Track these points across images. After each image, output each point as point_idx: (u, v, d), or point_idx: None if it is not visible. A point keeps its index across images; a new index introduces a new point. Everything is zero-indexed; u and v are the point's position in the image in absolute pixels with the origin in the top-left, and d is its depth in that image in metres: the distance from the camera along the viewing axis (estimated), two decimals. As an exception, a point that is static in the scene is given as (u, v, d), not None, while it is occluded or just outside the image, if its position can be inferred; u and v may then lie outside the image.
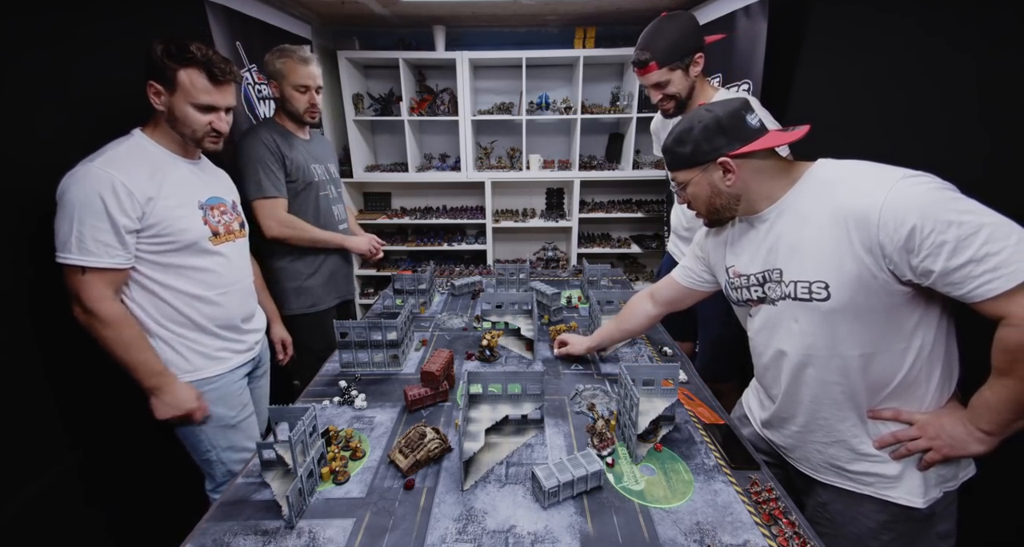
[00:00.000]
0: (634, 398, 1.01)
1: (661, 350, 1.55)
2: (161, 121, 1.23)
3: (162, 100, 1.19)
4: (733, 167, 0.97)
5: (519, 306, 1.70)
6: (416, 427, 1.07)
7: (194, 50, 1.17)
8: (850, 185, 0.88)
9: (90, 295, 1.11)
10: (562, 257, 3.59)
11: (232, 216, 1.38)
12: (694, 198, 1.07)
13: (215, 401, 1.33)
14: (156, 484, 1.62)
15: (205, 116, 1.23)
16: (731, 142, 0.96)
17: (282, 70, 1.71)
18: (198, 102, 1.21)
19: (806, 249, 0.94)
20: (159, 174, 1.19)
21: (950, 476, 0.95)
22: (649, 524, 0.88)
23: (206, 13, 1.89)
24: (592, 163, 3.45)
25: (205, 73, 1.20)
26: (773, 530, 0.87)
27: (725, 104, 0.99)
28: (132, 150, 1.19)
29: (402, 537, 0.86)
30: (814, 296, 0.93)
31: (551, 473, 0.93)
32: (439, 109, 3.29)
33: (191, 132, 1.24)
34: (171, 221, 1.19)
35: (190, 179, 1.28)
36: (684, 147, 1.01)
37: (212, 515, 0.91)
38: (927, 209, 0.79)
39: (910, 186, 0.82)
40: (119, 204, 1.10)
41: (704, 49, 1.55)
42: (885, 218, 0.82)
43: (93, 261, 1.10)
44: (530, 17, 3.05)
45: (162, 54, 1.15)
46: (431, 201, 3.68)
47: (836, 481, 1.03)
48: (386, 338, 1.41)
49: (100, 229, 1.09)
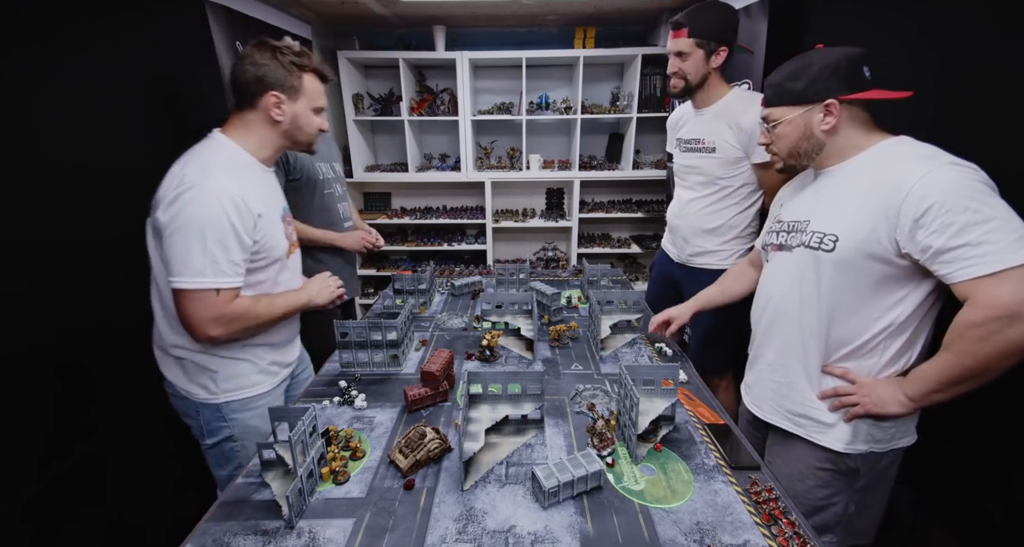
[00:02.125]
0: (634, 398, 1.01)
1: (661, 350, 1.55)
2: (252, 127, 1.18)
3: (284, 110, 1.17)
4: (837, 110, 1.00)
5: (519, 306, 1.70)
6: (416, 427, 1.07)
7: (308, 53, 1.20)
8: (904, 161, 0.94)
9: (226, 310, 1.09)
10: (562, 257, 3.59)
11: (292, 227, 1.36)
12: (781, 138, 1.09)
13: (263, 416, 1.26)
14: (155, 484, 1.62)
15: (318, 118, 1.25)
16: (844, 87, 0.98)
17: None
18: (318, 105, 1.23)
19: (838, 205, 1.02)
20: (253, 186, 1.15)
21: (880, 437, 1.04)
22: (649, 524, 0.88)
23: (206, 13, 1.89)
24: (592, 163, 3.45)
25: (318, 76, 1.22)
26: (773, 530, 0.87)
27: (846, 50, 1.01)
28: (229, 159, 1.14)
29: (402, 537, 0.86)
30: (822, 246, 1.02)
31: (551, 473, 0.93)
32: (439, 109, 3.29)
33: (308, 137, 1.25)
34: (269, 237, 1.17)
35: (271, 190, 1.26)
36: (797, 82, 1.03)
37: (212, 515, 0.91)
38: (953, 191, 0.86)
39: (950, 170, 0.88)
40: (243, 222, 1.08)
41: (731, 47, 1.63)
42: (915, 191, 0.88)
43: (228, 282, 1.08)
44: (530, 17, 3.05)
45: (290, 62, 1.15)
46: (431, 201, 3.68)
47: (778, 421, 1.16)
48: (386, 338, 1.41)
49: (231, 249, 1.07)
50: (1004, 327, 0.83)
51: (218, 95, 1.97)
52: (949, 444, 1.35)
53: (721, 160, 1.74)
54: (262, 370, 1.28)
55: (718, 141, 1.73)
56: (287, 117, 1.18)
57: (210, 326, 1.09)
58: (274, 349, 1.32)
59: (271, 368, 1.31)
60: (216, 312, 1.08)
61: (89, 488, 1.38)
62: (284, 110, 1.17)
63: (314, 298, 1.32)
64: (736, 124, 1.67)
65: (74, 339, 1.34)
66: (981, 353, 0.86)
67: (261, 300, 1.19)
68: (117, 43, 1.49)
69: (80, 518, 1.36)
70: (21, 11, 1.21)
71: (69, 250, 1.32)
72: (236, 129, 1.19)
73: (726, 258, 1.84)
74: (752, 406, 1.27)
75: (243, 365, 1.23)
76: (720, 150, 1.73)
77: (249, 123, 1.18)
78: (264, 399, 1.29)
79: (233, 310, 1.11)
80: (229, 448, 1.28)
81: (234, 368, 1.22)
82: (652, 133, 3.36)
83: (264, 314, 1.18)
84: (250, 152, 1.19)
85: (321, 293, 1.35)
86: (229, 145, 1.17)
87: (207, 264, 1.05)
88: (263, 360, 1.28)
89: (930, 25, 1.42)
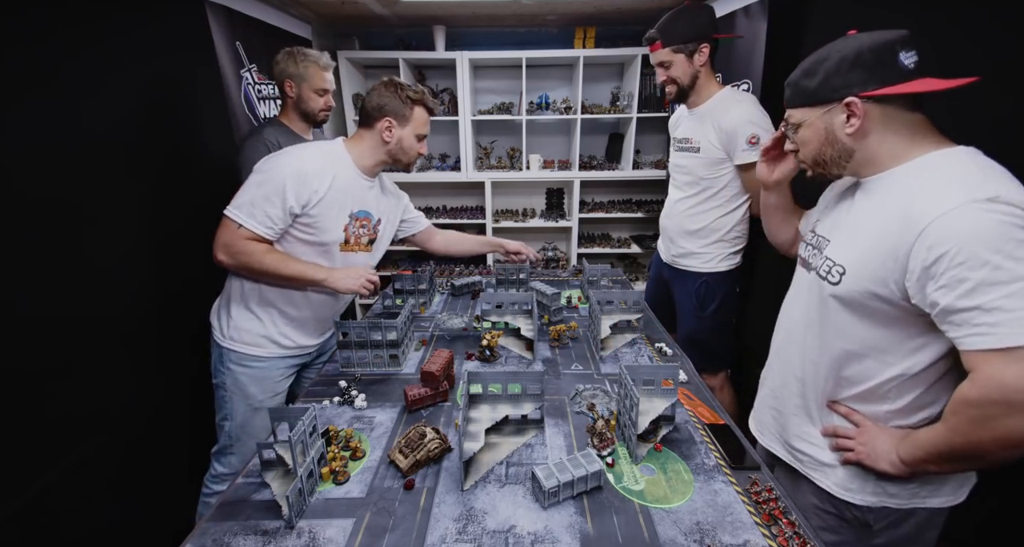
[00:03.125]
0: (634, 398, 1.01)
1: (661, 350, 1.55)
2: (366, 142, 1.43)
3: (393, 133, 1.41)
4: (859, 110, 0.82)
5: (519, 306, 1.70)
6: (416, 427, 1.07)
7: (422, 91, 1.43)
8: (932, 188, 0.77)
9: (237, 243, 1.29)
10: (562, 257, 3.59)
11: (367, 231, 1.51)
12: (803, 144, 0.94)
13: (251, 378, 1.44)
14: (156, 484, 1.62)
15: (420, 144, 1.47)
16: (868, 81, 0.81)
17: (303, 73, 1.77)
18: (421, 133, 1.46)
19: (858, 231, 0.88)
20: (334, 175, 1.35)
21: (894, 491, 0.91)
22: (649, 524, 0.88)
23: (206, 13, 1.89)
24: (592, 163, 3.45)
25: (426, 109, 1.45)
26: (773, 530, 0.87)
27: (876, 34, 0.84)
28: (329, 152, 1.39)
29: (402, 537, 0.86)
30: (828, 278, 0.91)
31: (551, 473, 0.93)
32: (439, 109, 3.29)
33: (408, 158, 1.47)
34: (323, 218, 1.36)
35: (356, 193, 1.44)
36: (811, 79, 0.88)
37: (212, 515, 0.91)
38: (975, 238, 0.70)
39: (976, 211, 0.71)
40: (296, 189, 1.28)
41: (712, 42, 1.62)
42: (930, 231, 0.73)
43: (251, 224, 1.29)
44: (530, 17, 3.05)
45: (407, 97, 1.39)
46: (431, 201, 3.68)
47: (779, 451, 1.10)
48: (386, 338, 1.40)
49: (272, 203, 1.28)
50: (1002, 414, 0.71)
51: (218, 95, 1.97)
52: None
53: (705, 160, 1.75)
54: (269, 335, 1.44)
55: (703, 141, 1.74)
56: (394, 140, 1.42)
57: (219, 249, 1.31)
58: (291, 323, 1.47)
59: (281, 339, 1.46)
60: (228, 239, 1.30)
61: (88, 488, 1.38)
62: (393, 134, 1.41)
63: (333, 280, 1.38)
64: (718, 124, 1.68)
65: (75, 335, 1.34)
66: (973, 436, 0.75)
67: (277, 253, 1.35)
68: (117, 42, 1.49)
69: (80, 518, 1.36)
70: (21, 10, 1.20)
71: (67, 249, 1.32)
72: (352, 140, 1.46)
73: (710, 261, 1.84)
74: (756, 432, 1.19)
75: (254, 322, 1.43)
76: (704, 150, 1.74)
77: (363, 138, 1.44)
78: (263, 364, 1.45)
79: (243, 246, 1.30)
80: (220, 395, 1.47)
81: (245, 320, 1.42)
82: (652, 133, 3.36)
83: (271, 264, 1.32)
84: (352, 158, 1.43)
85: (343, 279, 1.39)
86: (338, 146, 1.43)
87: (245, 203, 1.29)
88: (275, 326, 1.44)
89: (930, 25, 1.42)
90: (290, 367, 1.54)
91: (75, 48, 1.35)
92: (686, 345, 1.94)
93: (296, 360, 1.54)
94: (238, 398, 1.45)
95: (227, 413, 1.46)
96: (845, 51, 0.85)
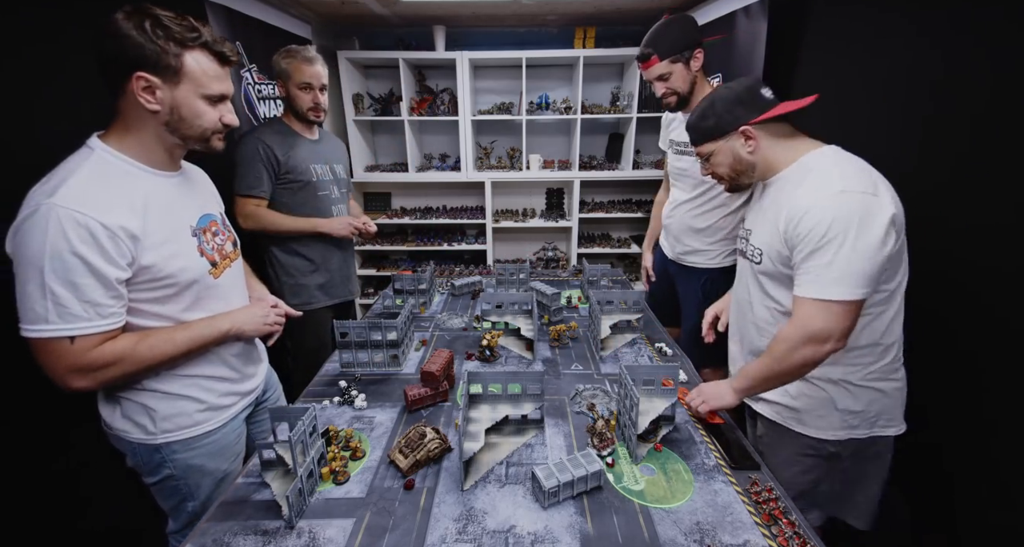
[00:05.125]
0: (634, 398, 1.01)
1: (661, 350, 1.55)
2: (129, 123, 0.95)
3: (158, 96, 0.91)
4: (753, 134, 1.11)
5: (519, 306, 1.70)
6: (416, 427, 1.07)
7: (197, 26, 0.93)
8: (813, 180, 1.03)
9: (85, 360, 0.89)
10: (562, 257, 3.59)
11: (224, 236, 1.15)
12: (717, 167, 1.20)
13: (209, 456, 1.12)
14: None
15: (215, 109, 0.99)
16: (749, 112, 1.10)
17: (287, 69, 1.74)
18: (210, 92, 0.96)
19: (767, 220, 1.13)
20: (139, 200, 0.93)
21: (856, 423, 1.13)
22: (649, 524, 0.88)
23: (206, 13, 1.89)
24: (592, 163, 3.45)
25: (213, 55, 0.96)
26: (773, 530, 0.87)
27: (741, 81, 1.15)
28: (98, 171, 0.91)
29: (402, 537, 0.86)
30: (752, 258, 1.18)
31: (551, 473, 0.93)
32: (439, 109, 3.29)
33: (200, 132, 0.99)
34: (164, 261, 0.95)
35: (175, 198, 1.02)
36: (708, 121, 1.15)
37: (212, 515, 0.91)
38: (823, 223, 0.97)
39: (828, 202, 0.97)
40: (101, 252, 0.86)
41: (703, 46, 1.65)
42: (800, 218, 1.00)
43: (83, 327, 0.87)
44: (530, 17, 3.05)
45: (160, 34, 0.88)
46: (431, 201, 3.68)
47: (762, 409, 1.24)
48: (386, 338, 1.41)
49: (84, 286, 0.86)
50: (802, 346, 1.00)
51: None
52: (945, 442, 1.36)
53: None
54: (209, 406, 1.11)
55: None
56: (163, 107, 0.93)
57: (70, 378, 0.90)
58: (225, 382, 1.14)
59: (222, 401, 1.13)
60: (72, 362, 0.88)
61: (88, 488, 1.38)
62: (158, 98, 0.92)
63: (240, 327, 1.11)
64: None
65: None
66: (786, 361, 1.03)
67: (152, 336, 0.97)
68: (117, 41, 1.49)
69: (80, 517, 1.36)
70: (22, 10, 1.21)
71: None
72: (114, 130, 0.96)
73: (714, 257, 1.86)
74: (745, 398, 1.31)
75: (184, 403, 1.06)
76: None
77: (125, 119, 0.94)
78: (212, 437, 1.11)
79: (100, 357, 0.90)
80: (172, 486, 1.11)
81: (174, 406, 1.06)
82: (652, 133, 3.35)
83: (153, 354, 0.96)
84: (132, 157, 0.96)
85: (250, 322, 1.13)
86: (104, 152, 0.93)
87: (49, 308, 0.85)
88: (212, 394, 1.11)
89: (930, 25, 1.42)
90: (242, 422, 1.23)
91: (75, 49, 1.35)
92: (690, 340, 1.95)
93: (245, 412, 1.23)
94: (196, 479, 1.12)
95: (184, 496, 1.12)
96: (726, 96, 1.13)
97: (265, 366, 1.33)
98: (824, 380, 1.12)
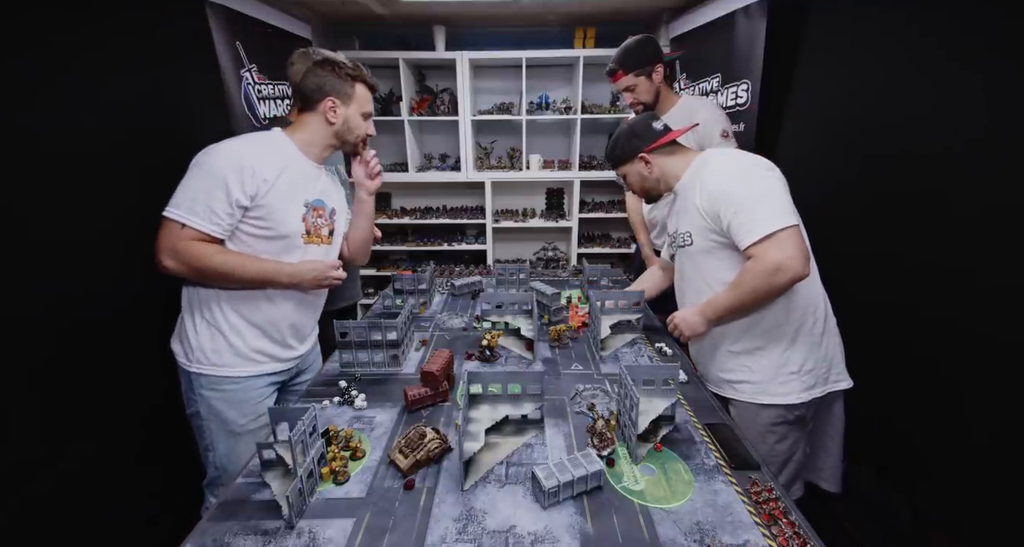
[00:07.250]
0: (634, 398, 1.01)
1: (661, 350, 1.55)
2: (310, 126, 1.34)
3: (338, 113, 1.33)
4: (649, 159, 1.39)
5: (519, 306, 1.70)
6: (416, 427, 1.07)
7: (359, 66, 1.36)
8: (711, 165, 1.29)
9: (183, 245, 1.16)
10: (562, 257, 3.59)
11: (325, 221, 1.41)
12: (632, 184, 1.49)
13: (226, 402, 1.30)
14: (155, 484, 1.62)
15: (366, 123, 1.41)
16: (644, 142, 1.38)
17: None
18: (367, 110, 1.39)
19: (687, 212, 1.35)
20: (282, 164, 1.27)
21: (812, 382, 1.30)
22: (649, 524, 0.88)
23: (206, 13, 1.89)
24: (592, 163, 3.46)
25: (367, 86, 1.39)
26: (773, 530, 0.87)
27: (639, 117, 1.45)
28: (267, 140, 1.31)
29: (402, 537, 0.86)
30: (685, 242, 1.37)
31: (551, 473, 0.93)
32: (439, 109, 3.29)
33: (355, 138, 1.40)
34: (274, 209, 1.25)
35: (305, 178, 1.35)
36: (616, 151, 1.45)
37: (212, 515, 0.91)
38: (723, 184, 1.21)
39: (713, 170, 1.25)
40: (240, 178, 1.17)
41: (663, 61, 1.91)
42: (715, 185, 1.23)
43: (195, 222, 1.16)
44: (530, 17, 3.05)
45: (345, 74, 1.32)
46: (431, 201, 3.68)
47: (729, 393, 1.37)
48: (386, 338, 1.41)
49: (215, 197, 1.16)
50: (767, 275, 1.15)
51: (217, 94, 1.97)
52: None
53: None
54: (239, 353, 1.30)
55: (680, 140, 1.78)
56: (339, 121, 1.34)
57: (164, 255, 1.17)
58: (263, 336, 1.33)
59: (254, 355, 1.32)
60: (173, 243, 1.16)
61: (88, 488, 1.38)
62: (338, 114, 1.33)
63: (300, 276, 1.31)
64: (691, 121, 1.73)
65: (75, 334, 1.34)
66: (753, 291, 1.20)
67: (232, 255, 1.23)
68: (117, 42, 1.49)
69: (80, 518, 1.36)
70: (23, 11, 1.21)
71: (64, 248, 1.32)
72: (295, 127, 1.36)
73: None
74: (715, 389, 1.40)
75: (218, 338, 1.28)
76: None
77: (307, 123, 1.34)
78: (236, 385, 1.30)
79: (192, 249, 1.17)
80: (197, 425, 1.34)
81: (210, 339, 1.28)
82: (652, 133, 3.36)
83: (227, 266, 1.20)
84: (298, 145, 1.33)
85: (309, 273, 1.32)
86: (278, 134, 1.33)
87: (184, 200, 1.16)
88: (242, 340, 1.30)
89: (930, 25, 1.42)
90: (268, 385, 1.38)
91: (75, 49, 1.35)
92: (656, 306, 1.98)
93: (273, 377, 1.39)
94: (216, 425, 1.31)
95: (208, 443, 1.34)
96: (623, 131, 1.43)
97: (309, 350, 1.51)
98: (776, 346, 1.29)
